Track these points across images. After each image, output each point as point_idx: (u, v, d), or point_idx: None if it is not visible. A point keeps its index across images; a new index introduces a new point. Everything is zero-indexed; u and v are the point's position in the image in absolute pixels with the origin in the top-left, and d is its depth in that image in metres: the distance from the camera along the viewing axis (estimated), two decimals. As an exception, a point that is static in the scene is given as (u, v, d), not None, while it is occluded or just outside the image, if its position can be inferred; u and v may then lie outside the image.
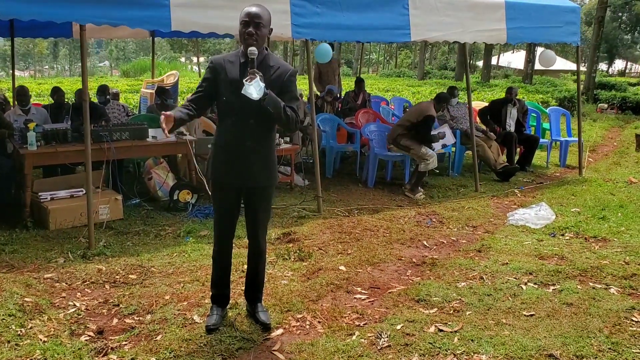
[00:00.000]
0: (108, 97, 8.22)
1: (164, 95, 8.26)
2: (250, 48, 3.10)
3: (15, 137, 5.92)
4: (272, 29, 3.29)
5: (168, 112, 3.12)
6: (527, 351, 3.22)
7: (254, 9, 3.16)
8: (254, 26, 3.13)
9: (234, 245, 3.62)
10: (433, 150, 7.20)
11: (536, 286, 4.20)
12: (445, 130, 7.55)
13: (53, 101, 7.45)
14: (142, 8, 5.01)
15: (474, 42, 7.49)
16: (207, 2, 5.35)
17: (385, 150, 7.63)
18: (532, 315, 3.71)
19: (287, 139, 7.44)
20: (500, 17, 7.27)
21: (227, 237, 3.49)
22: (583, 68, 27.08)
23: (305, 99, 10.27)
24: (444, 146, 7.64)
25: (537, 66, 25.89)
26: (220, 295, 3.60)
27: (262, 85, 3.01)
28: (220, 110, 3.34)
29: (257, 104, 3.06)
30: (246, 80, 3.00)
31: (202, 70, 39.37)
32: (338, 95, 10.65)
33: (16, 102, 6.88)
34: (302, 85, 10.39)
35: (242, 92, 3.00)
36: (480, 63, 34.52)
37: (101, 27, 5.79)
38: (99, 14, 4.83)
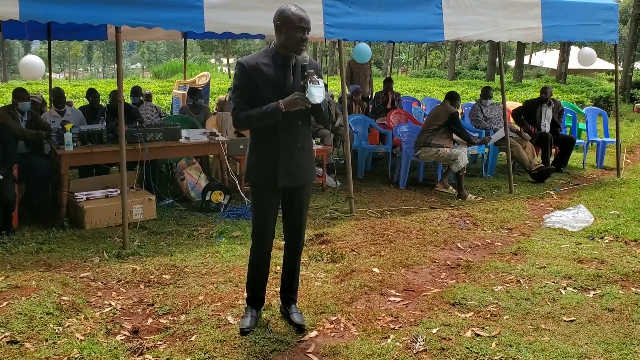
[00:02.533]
0: (141, 98, 8.32)
1: (196, 95, 8.33)
2: (303, 55, 3.15)
3: (52, 138, 6.02)
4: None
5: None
6: (568, 358, 3.14)
7: (304, 14, 3.12)
8: (307, 32, 3.15)
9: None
10: (459, 147, 7.17)
11: (576, 291, 4.09)
12: (497, 132, 7.69)
13: (88, 102, 7.57)
14: (176, 10, 5.05)
15: (507, 41, 7.37)
16: (239, 3, 5.36)
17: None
18: (572, 320, 3.61)
19: (319, 139, 7.43)
20: (535, 15, 7.13)
21: (270, 241, 3.46)
22: (619, 67, 26.46)
23: (336, 99, 10.23)
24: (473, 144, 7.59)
25: (571, 65, 25.42)
26: (256, 297, 3.58)
27: (324, 89, 3.09)
28: None
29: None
30: (310, 84, 3.05)
31: (232, 72, 39.74)
32: (369, 97, 10.59)
33: (52, 104, 7.00)
34: (333, 85, 10.39)
35: (307, 95, 3.03)
36: (512, 63, 34.01)
37: (135, 29, 5.85)
38: (134, 16, 4.88)
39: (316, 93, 3.03)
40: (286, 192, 3.37)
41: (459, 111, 10.50)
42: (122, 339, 3.39)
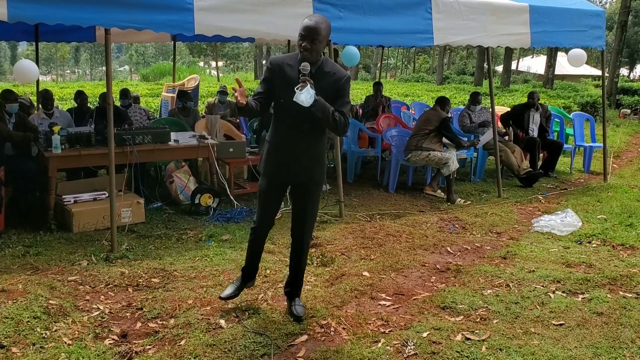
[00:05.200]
0: (130, 100, 8.27)
1: (185, 98, 8.30)
2: (303, 64, 3.22)
3: (40, 140, 5.96)
4: (330, 41, 3.53)
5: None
6: (558, 361, 3.15)
7: (312, 23, 3.25)
8: (309, 41, 3.24)
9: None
10: (449, 151, 7.21)
11: (564, 295, 4.11)
12: (486, 134, 7.75)
13: (76, 105, 7.51)
14: (166, 12, 5.01)
15: (496, 47, 7.42)
16: (230, 6, 5.34)
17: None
18: (561, 324, 3.63)
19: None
20: (524, 21, 7.19)
21: (265, 227, 3.69)
22: (605, 73, 26.72)
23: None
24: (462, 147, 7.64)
25: (557, 71, 25.65)
26: (246, 268, 3.82)
27: (313, 92, 3.14)
28: (276, 110, 3.48)
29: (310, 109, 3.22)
30: (297, 88, 3.15)
31: (221, 75, 39.61)
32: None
33: (40, 106, 6.94)
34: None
35: (294, 99, 3.14)
36: (499, 68, 34.25)
37: (124, 32, 5.81)
38: (124, 18, 4.84)
39: (298, 98, 3.15)
40: (292, 189, 3.61)
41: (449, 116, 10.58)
42: (110, 344, 3.35)
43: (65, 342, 3.31)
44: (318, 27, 3.24)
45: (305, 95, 3.12)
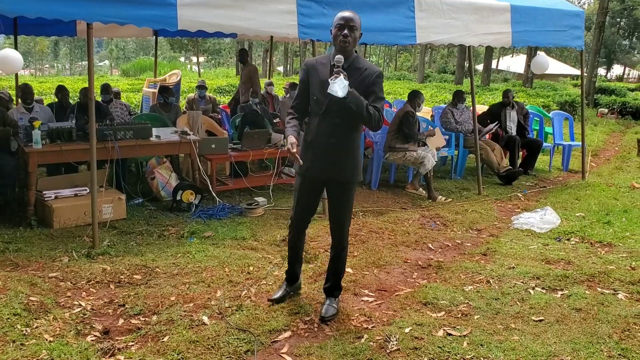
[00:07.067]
0: (111, 96, 8.19)
1: (167, 93, 8.25)
2: (337, 57, 3.31)
3: (19, 135, 5.89)
4: (361, 34, 3.47)
5: (293, 140, 3.41)
6: (538, 357, 3.20)
7: (347, 14, 3.36)
8: (348, 29, 3.33)
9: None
10: (426, 150, 7.25)
11: (544, 291, 4.18)
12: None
13: (57, 100, 7.41)
14: (149, 7, 4.97)
15: (477, 46, 7.49)
16: (213, 2, 5.32)
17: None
18: (541, 320, 3.69)
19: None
20: (505, 21, 7.26)
21: (303, 225, 3.81)
22: (584, 73, 27.07)
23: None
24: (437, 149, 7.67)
25: (537, 70, 25.96)
26: (290, 272, 3.94)
27: (346, 83, 3.22)
28: (312, 107, 3.57)
29: (343, 103, 3.29)
30: (331, 79, 3.23)
31: (202, 70, 39.31)
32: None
33: (19, 100, 6.84)
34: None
35: (328, 90, 3.23)
36: (479, 67, 34.52)
37: (106, 26, 5.77)
38: (107, 13, 4.79)
39: (332, 88, 3.24)
40: (327, 187, 3.65)
41: (430, 113, 10.65)
42: (92, 340, 3.33)
43: (47, 339, 3.28)
44: (355, 16, 3.36)
45: (338, 85, 3.20)
